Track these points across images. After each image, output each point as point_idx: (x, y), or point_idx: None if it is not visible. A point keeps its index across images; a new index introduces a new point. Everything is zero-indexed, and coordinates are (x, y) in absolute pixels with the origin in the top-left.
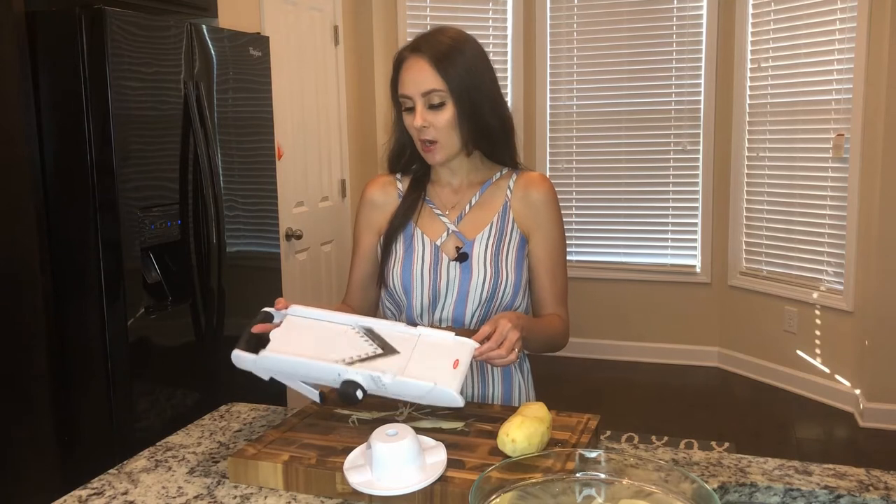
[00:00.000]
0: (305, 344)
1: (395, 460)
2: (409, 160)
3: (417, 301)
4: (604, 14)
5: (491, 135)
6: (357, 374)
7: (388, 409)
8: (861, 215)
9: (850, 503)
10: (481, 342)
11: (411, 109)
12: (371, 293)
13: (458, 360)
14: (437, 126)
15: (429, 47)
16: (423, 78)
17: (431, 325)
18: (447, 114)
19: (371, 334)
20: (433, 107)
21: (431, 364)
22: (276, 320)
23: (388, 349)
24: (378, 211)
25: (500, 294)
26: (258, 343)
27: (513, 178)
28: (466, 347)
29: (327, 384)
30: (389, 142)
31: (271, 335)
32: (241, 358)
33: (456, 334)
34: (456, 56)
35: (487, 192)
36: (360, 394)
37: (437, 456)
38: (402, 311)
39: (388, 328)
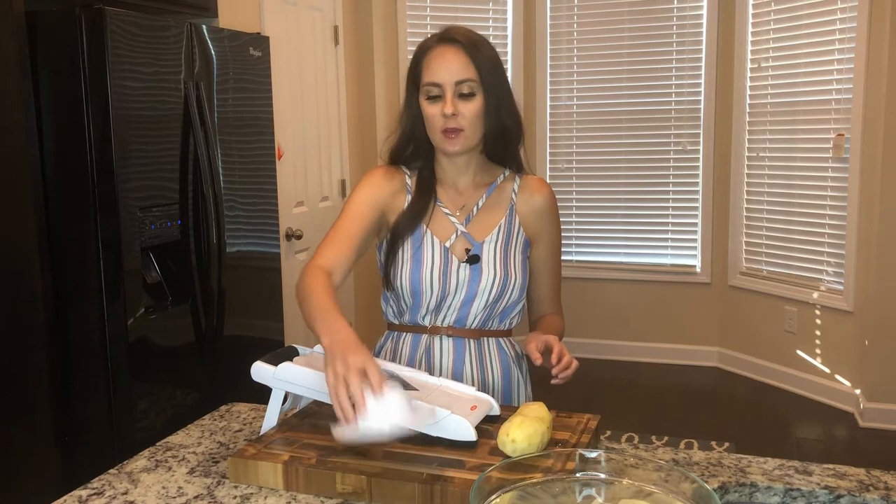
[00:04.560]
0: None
1: (386, 411)
2: (411, 155)
3: (425, 303)
4: (604, 14)
5: (506, 135)
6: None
7: None
8: (861, 215)
9: (850, 503)
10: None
11: (437, 98)
12: (342, 274)
13: (475, 406)
14: (466, 115)
15: (461, 37)
16: (457, 66)
17: (432, 325)
18: (476, 104)
19: (393, 376)
20: (463, 96)
21: (449, 401)
22: (301, 354)
23: (408, 387)
24: (383, 189)
25: (508, 295)
26: (279, 362)
27: (516, 182)
28: (486, 402)
29: None
30: (394, 134)
31: (294, 360)
32: (260, 369)
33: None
34: (486, 49)
35: (494, 195)
36: None
37: (427, 414)
38: (405, 313)
39: (410, 373)
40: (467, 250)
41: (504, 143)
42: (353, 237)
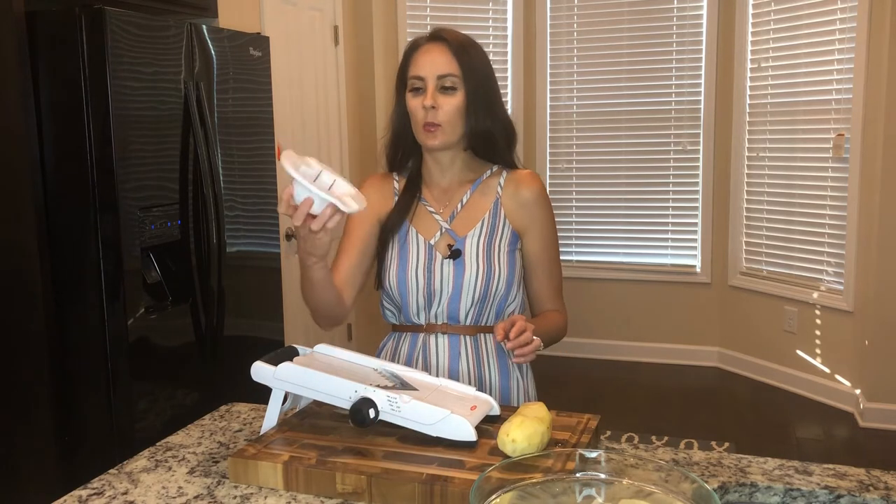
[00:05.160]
0: (327, 368)
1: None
2: (404, 155)
3: (413, 300)
4: (604, 14)
5: (490, 137)
6: (374, 391)
7: None
8: (861, 215)
9: (850, 503)
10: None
11: (420, 91)
12: (352, 292)
13: (475, 406)
14: (446, 109)
15: (449, 36)
16: (441, 61)
17: (428, 323)
18: (457, 100)
19: (393, 376)
20: (445, 91)
21: (449, 401)
22: (301, 354)
23: (407, 387)
24: (375, 198)
25: (494, 289)
26: (279, 362)
27: (503, 176)
28: (486, 402)
29: (341, 403)
30: (386, 135)
31: (294, 360)
32: (260, 369)
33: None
34: (473, 50)
35: (478, 191)
36: (372, 413)
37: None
38: (399, 311)
39: (410, 374)
40: (450, 246)
41: (490, 145)
42: (354, 248)
